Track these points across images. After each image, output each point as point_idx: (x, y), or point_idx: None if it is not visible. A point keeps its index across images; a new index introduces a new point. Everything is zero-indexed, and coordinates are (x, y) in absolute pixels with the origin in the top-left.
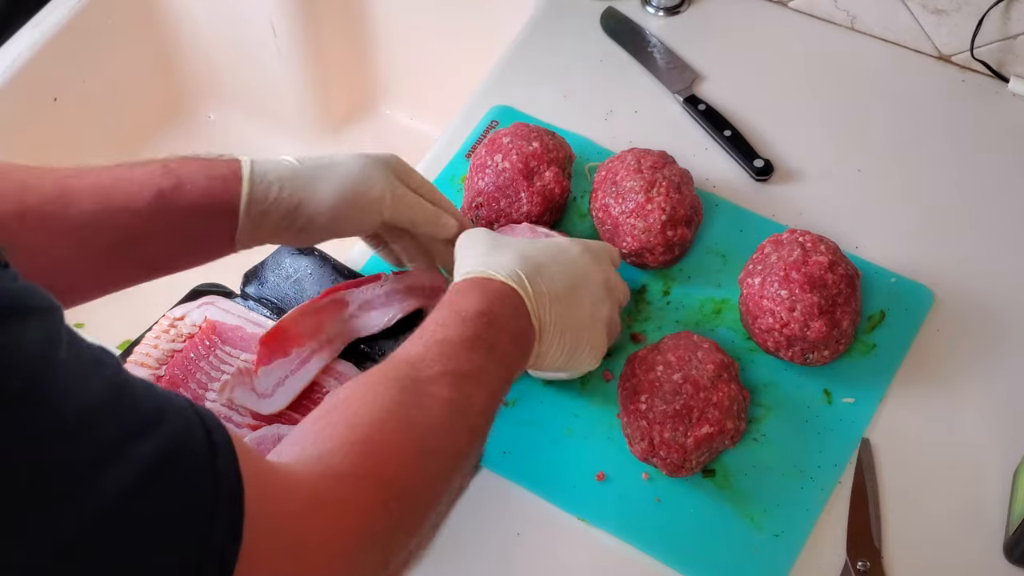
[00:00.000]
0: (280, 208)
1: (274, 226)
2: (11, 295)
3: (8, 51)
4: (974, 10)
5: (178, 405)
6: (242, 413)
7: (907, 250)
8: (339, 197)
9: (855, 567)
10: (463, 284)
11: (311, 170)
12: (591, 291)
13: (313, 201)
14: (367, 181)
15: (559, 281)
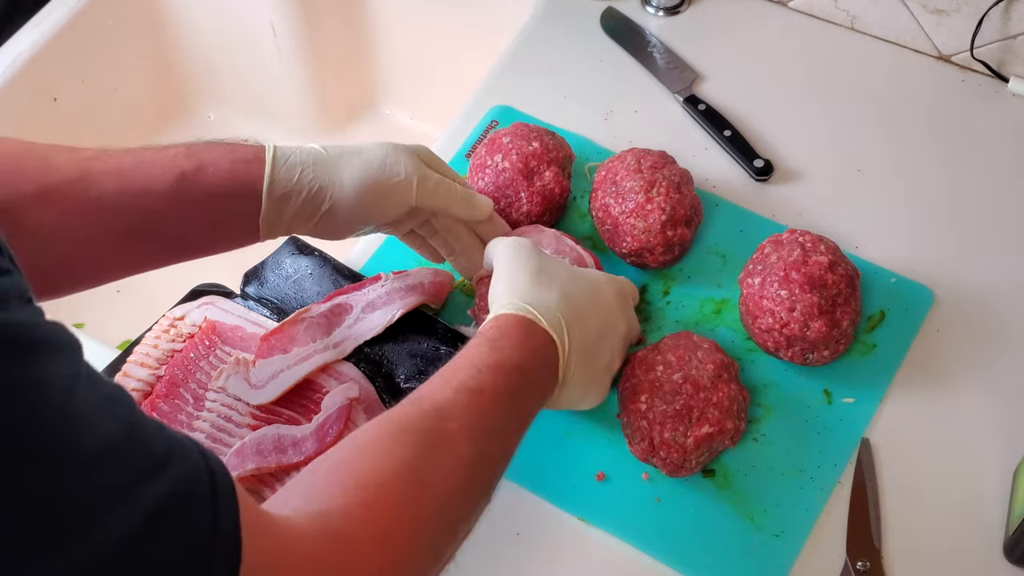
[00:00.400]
0: (303, 191)
1: (297, 211)
2: (40, 332)
3: (8, 51)
4: (974, 10)
5: (186, 447)
6: (242, 413)
7: (907, 250)
8: (363, 181)
9: (855, 567)
10: (507, 321)
11: (335, 156)
12: (614, 342)
13: (336, 185)
14: (393, 166)
15: (591, 332)
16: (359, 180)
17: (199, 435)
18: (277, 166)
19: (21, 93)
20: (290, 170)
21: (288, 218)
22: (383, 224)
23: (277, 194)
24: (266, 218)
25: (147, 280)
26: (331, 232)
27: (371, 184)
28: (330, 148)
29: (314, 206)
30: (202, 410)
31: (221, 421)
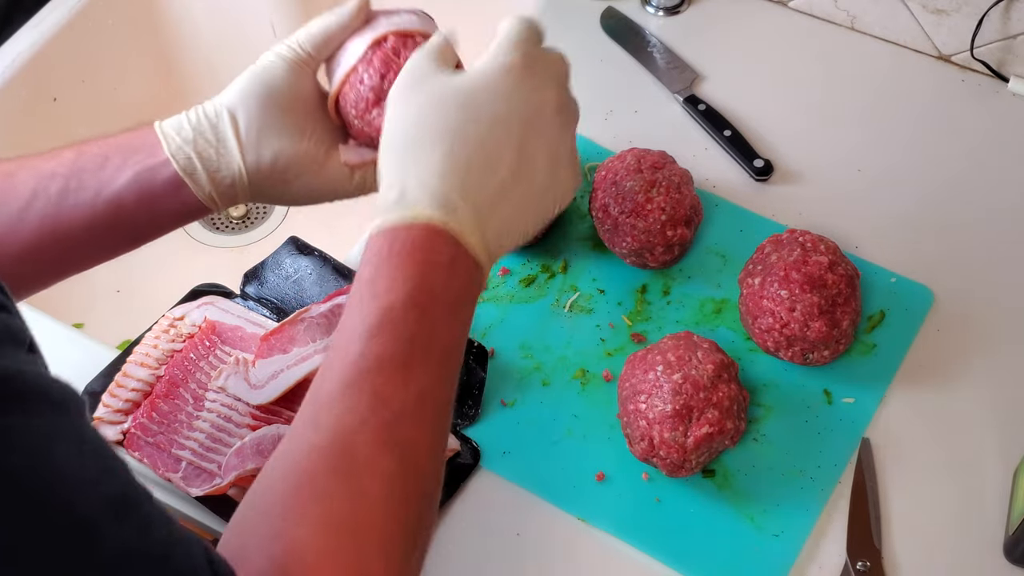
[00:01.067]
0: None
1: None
2: (44, 384)
3: (8, 51)
4: (974, 10)
5: (189, 544)
6: (242, 413)
7: (907, 250)
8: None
9: (855, 567)
10: (378, 245)
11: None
12: (546, 136)
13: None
14: (275, 81)
15: (504, 161)
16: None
17: (199, 435)
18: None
19: (21, 93)
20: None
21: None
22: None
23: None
24: (208, 198)
25: (147, 280)
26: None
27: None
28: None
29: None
30: (202, 410)
31: (221, 421)
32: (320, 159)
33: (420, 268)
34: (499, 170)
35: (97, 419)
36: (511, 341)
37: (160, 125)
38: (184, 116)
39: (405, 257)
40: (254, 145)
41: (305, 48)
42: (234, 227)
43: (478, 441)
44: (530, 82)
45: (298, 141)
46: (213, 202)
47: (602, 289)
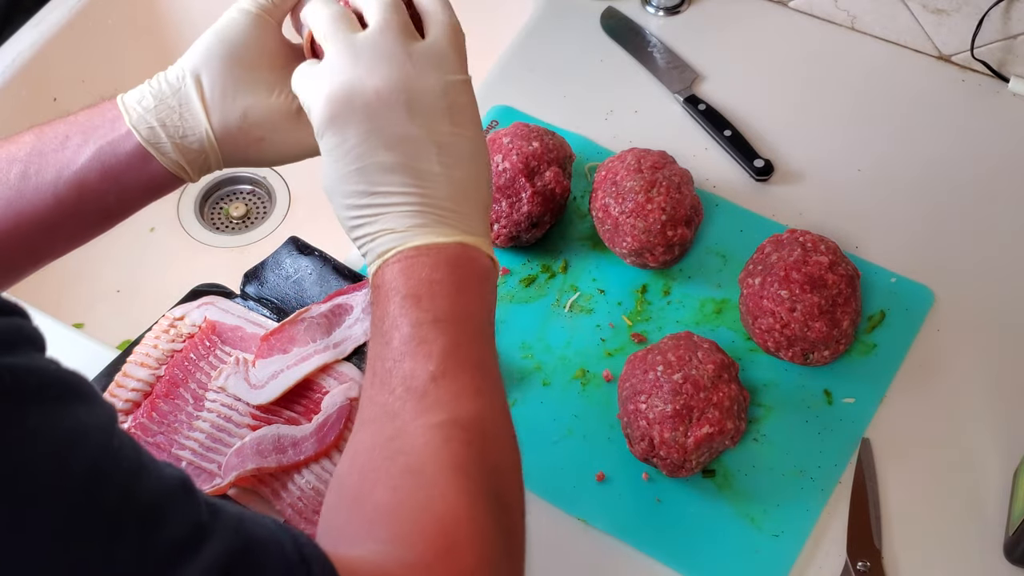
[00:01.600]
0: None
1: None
2: (66, 379)
3: (8, 51)
4: (974, 10)
5: (268, 530)
6: (242, 413)
7: (907, 250)
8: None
9: (855, 567)
10: (416, 271)
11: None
12: (443, 118)
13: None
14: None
15: (433, 158)
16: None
17: (199, 435)
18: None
19: (21, 93)
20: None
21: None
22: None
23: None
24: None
25: (147, 280)
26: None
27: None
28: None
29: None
30: (202, 410)
31: (221, 421)
32: (292, 114)
33: (412, 273)
34: (434, 168)
35: None
36: (511, 341)
37: (121, 97)
38: (146, 85)
39: (399, 275)
40: (220, 105)
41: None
42: (234, 227)
43: None
44: (407, 94)
45: (266, 96)
46: (183, 171)
47: (602, 289)
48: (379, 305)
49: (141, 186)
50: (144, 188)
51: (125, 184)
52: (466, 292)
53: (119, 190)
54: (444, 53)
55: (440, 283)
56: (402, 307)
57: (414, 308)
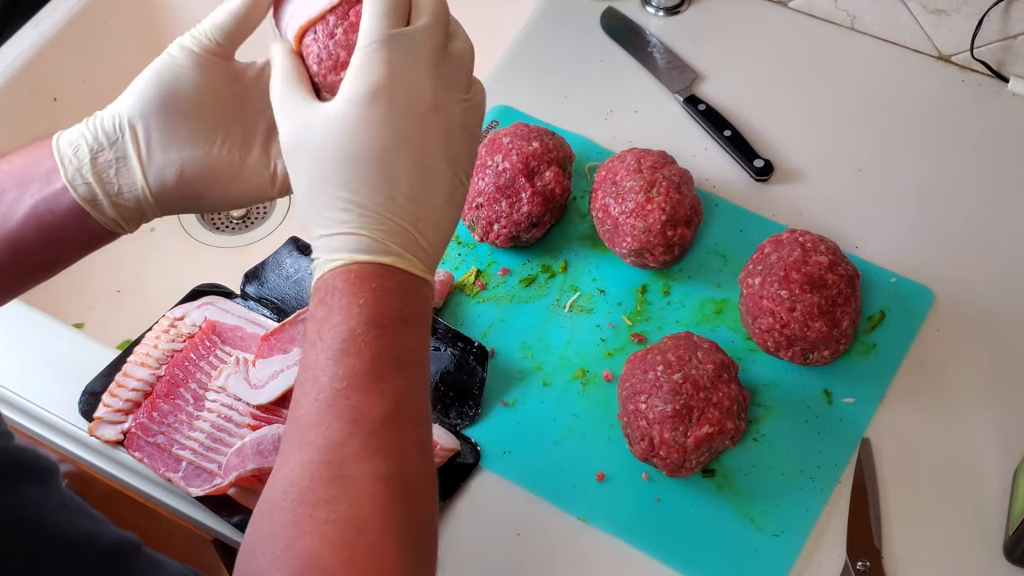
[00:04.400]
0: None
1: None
2: (25, 457)
3: (8, 51)
4: (974, 10)
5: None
6: (242, 413)
7: (907, 250)
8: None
9: (855, 567)
10: (326, 286)
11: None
12: (432, 142)
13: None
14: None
15: (408, 182)
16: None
17: (199, 434)
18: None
19: (21, 93)
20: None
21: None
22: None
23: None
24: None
25: (147, 280)
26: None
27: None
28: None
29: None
30: (202, 410)
31: (221, 421)
32: (235, 166)
33: (374, 294)
34: (407, 192)
35: (97, 419)
36: (511, 341)
37: (57, 143)
38: (83, 127)
39: (356, 288)
40: (157, 160)
41: (213, 38)
42: (234, 227)
43: (478, 441)
44: (404, 96)
45: (207, 150)
46: (119, 227)
47: (602, 289)
48: (329, 312)
49: (78, 241)
50: (80, 243)
51: (62, 240)
52: (425, 336)
53: (56, 246)
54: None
55: (406, 322)
56: (366, 332)
57: (377, 339)
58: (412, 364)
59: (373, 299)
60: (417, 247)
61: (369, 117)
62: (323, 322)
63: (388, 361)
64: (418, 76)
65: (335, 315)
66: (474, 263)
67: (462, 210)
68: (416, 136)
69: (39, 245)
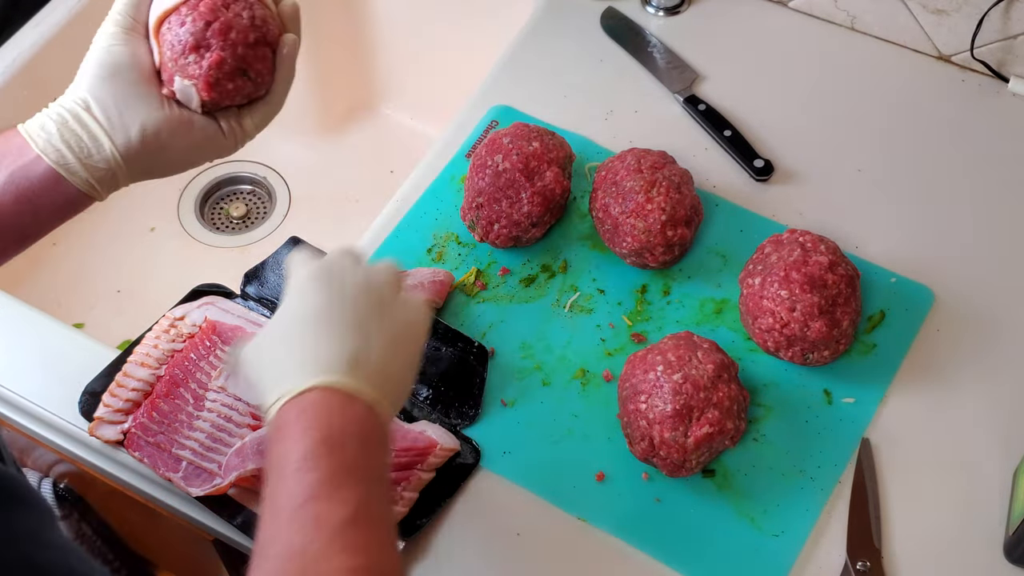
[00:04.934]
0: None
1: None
2: (34, 492)
3: (8, 51)
4: (974, 10)
5: None
6: (242, 413)
7: (907, 250)
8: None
9: (855, 567)
10: (281, 419)
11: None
12: (372, 314)
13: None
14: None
15: (355, 343)
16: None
17: (199, 434)
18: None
19: (21, 93)
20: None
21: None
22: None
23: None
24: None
25: (147, 280)
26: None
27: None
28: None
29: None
30: (202, 410)
31: (221, 421)
32: (186, 121)
33: (326, 419)
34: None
35: (97, 419)
36: (511, 341)
37: (23, 127)
38: (43, 115)
39: (310, 415)
40: (119, 124)
41: (128, 15)
42: (234, 227)
43: (478, 441)
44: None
45: (158, 107)
46: (93, 189)
47: (602, 289)
48: (282, 442)
49: (55, 206)
50: (56, 208)
51: (39, 205)
52: (385, 456)
53: (34, 211)
54: None
55: (363, 441)
56: (318, 449)
57: (334, 454)
58: (372, 478)
59: (325, 423)
60: (364, 372)
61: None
62: (281, 458)
63: (344, 473)
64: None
65: (288, 442)
66: (474, 263)
67: (414, 365)
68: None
69: (17, 212)
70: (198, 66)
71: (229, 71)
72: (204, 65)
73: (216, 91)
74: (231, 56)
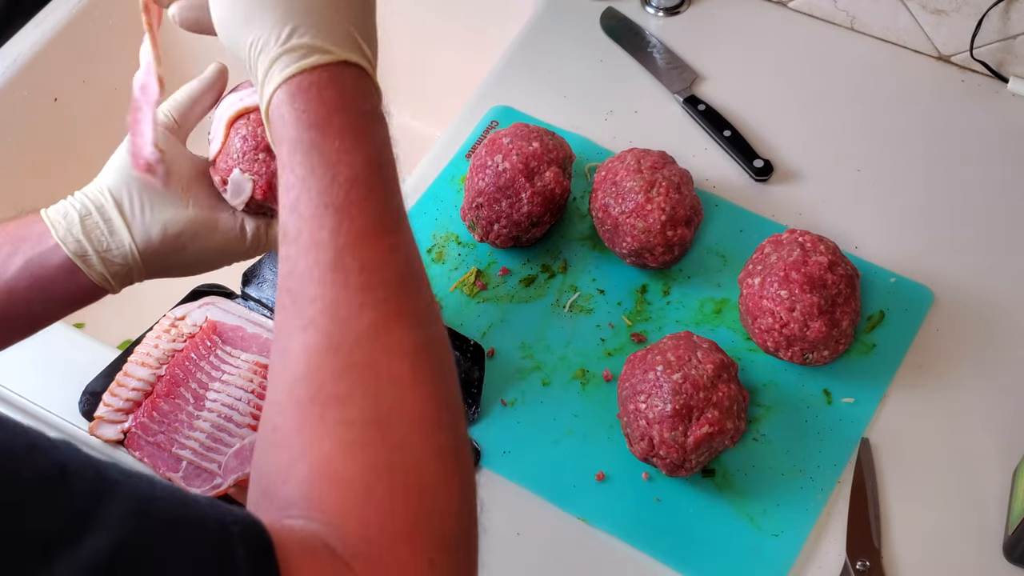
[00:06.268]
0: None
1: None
2: None
3: (8, 51)
4: (974, 10)
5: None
6: (242, 412)
7: (907, 250)
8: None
9: (855, 567)
10: (303, 102)
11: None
12: None
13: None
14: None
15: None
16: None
17: (199, 434)
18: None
19: (21, 93)
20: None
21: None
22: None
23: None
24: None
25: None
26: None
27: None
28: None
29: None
30: (202, 410)
31: (221, 421)
32: (210, 221)
33: (366, 126)
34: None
35: (97, 418)
36: (511, 341)
37: (45, 212)
38: (67, 202)
39: (346, 114)
40: (141, 221)
41: (172, 115)
42: None
43: (478, 441)
44: None
45: (183, 208)
46: (108, 283)
47: (602, 289)
48: (326, 145)
49: (67, 297)
50: (69, 299)
51: (51, 295)
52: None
53: (45, 300)
54: None
55: (378, 119)
56: (370, 173)
57: (382, 177)
58: (404, 217)
59: (367, 132)
60: (363, 52)
61: None
62: (316, 154)
63: (393, 210)
64: None
65: (328, 149)
66: (474, 263)
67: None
68: None
69: (30, 299)
70: (265, 165)
71: None
72: (272, 166)
73: (271, 193)
74: None
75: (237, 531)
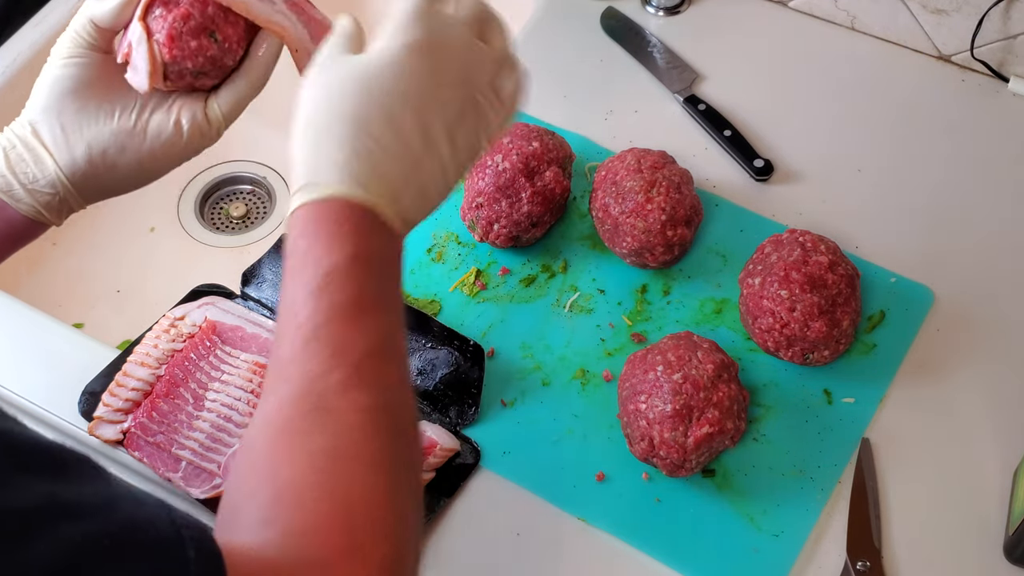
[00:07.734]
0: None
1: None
2: None
3: (8, 51)
4: (974, 10)
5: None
6: (242, 413)
7: (907, 250)
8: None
9: (855, 567)
10: (302, 222)
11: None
12: (443, 110)
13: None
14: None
15: (410, 137)
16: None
17: (199, 434)
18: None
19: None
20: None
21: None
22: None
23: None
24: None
25: (147, 280)
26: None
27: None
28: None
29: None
30: (202, 410)
31: (221, 421)
32: (139, 129)
33: (353, 236)
34: (405, 147)
35: (97, 418)
36: (511, 341)
37: None
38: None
39: (335, 227)
40: (65, 145)
41: (89, 29)
42: (234, 227)
43: (478, 441)
44: (430, 61)
45: (107, 122)
46: (41, 215)
47: (602, 289)
48: (317, 244)
49: (2, 235)
50: (5, 237)
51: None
52: (401, 287)
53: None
54: None
55: (387, 264)
56: (350, 267)
57: (361, 275)
58: (394, 304)
59: (353, 241)
60: (399, 204)
61: (390, 71)
62: (302, 257)
63: (370, 297)
64: (448, 49)
65: (316, 249)
66: (474, 263)
67: (445, 197)
68: (428, 102)
69: None
70: (163, 20)
71: (194, 27)
72: (169, 18)
73: (178, 46)
74: (199, 13)
75: (188, 536)
